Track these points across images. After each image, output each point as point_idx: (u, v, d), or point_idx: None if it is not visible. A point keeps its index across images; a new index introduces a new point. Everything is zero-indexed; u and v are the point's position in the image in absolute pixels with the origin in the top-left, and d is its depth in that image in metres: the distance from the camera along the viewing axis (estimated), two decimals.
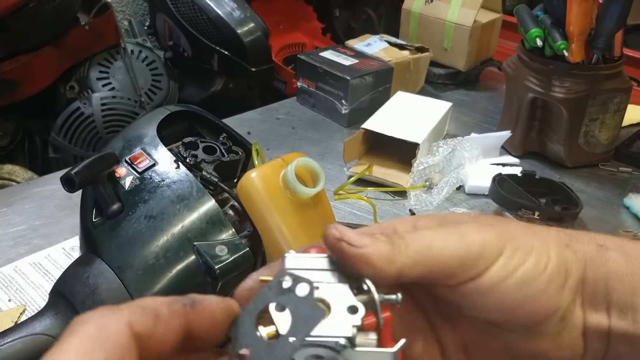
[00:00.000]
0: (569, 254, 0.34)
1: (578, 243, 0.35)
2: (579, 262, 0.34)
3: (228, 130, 0.71)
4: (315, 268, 0.31)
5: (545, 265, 0.33)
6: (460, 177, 0.97)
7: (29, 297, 0.71)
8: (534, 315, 0.33)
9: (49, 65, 1.45)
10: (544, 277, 0.33)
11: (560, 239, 0.35)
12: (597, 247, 0.35)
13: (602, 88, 0.99)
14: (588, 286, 0.34)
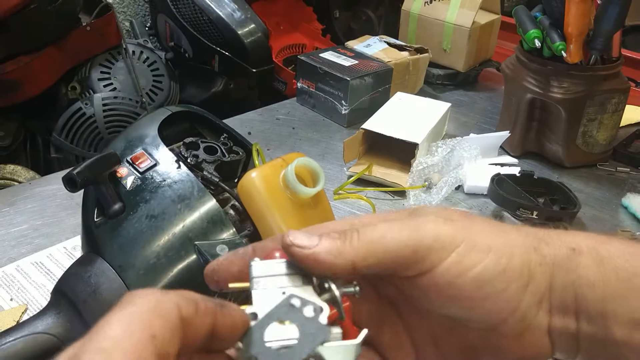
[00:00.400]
0: (534, 257, 0.34)
1: (548, 246, 0.34)
2: (546, 267, 0.34)
3: (229, 131, 0.71)
4: (280, 273, 0.33)
5: (505, 267, 0.33)
6: (459, 177, 0.97)
7: (31, 296, 0.72)
8: (491, 314, 0.33)
9: (50, 65, 1.46)
10: (503, 278, 0.32)
11: (529, 241, 0.34)
12: (569, 252, 0.34)
13: (600, 88, 0.99)
14: (555, 292, 0.34)
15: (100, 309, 0.54)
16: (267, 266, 0.33)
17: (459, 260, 0.32)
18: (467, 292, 0.33)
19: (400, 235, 0.32)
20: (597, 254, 0.34)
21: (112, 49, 1.58)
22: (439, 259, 0.32)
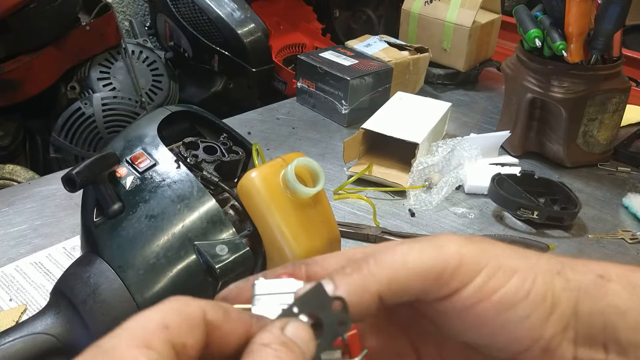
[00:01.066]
0: (558, 283, 0.32)
1: (572, 272, 0.32)
2: (571, 292, 0.31)
3: (228, 131, 0.71)
4: (283, 292, 0.32)
5: (528, 291, 0.31)
6: (460, 176, 0.97)
7: (30, 296, 0.71)
8: (514, 342, 0.31)
9: (50, 65, 1.45)
10: (526, 303, 0.31)
11: (551, 266, 0.32)
12: (596, 278, 0.32)
13: (600, 88, 0.99)
14: (582, 320, 0.31)
15: (100, 310, 0.54)
16: (270, 285, 0.33)
17: (484, 283, 0.31)
18: (489, 317, 0.31)
19: (423, 257, 0.31)
20: (628, 281, 0.32)
21: (111, 49, 1.58)
22: (463, 283, 0.31)
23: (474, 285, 0.31)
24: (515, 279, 0.31)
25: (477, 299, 0.31)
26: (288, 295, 0.32)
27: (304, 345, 0.28)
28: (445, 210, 0.94)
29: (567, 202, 0.92)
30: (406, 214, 0.92)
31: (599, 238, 0.90)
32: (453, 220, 0.92)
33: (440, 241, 0.32)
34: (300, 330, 0.28)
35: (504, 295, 0.31)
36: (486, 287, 0.31)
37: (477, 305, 0.31)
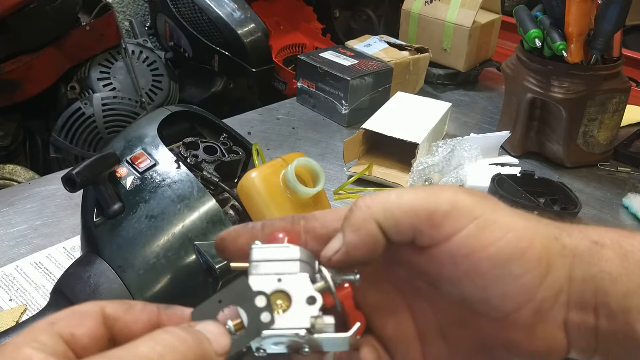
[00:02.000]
0: (555, 247, 0.32)
1: (569, 237, 0.33)
2: (566, 258, 0.32)
3: (228, 131, 0.71)
4: (279, 259, 0.33)
5: (524, 250, 0.31)
6: (460, 177, 0.97)
7: (30, 296, 0.71)
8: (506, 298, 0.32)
9: (50, 65, 1.45)
10: (522, 262, 0.31)
11: (550, 230, 0.33)
12: (591, 244, 0.32)
13: (601, 88, 0.99)
14: (575, 285, 0.32)
15: None
16: (267, 251, 0.33)
17: (477, 233, 0.31)
18: (483, 269, 0.31)
19: (417, 196, 0.32)
20: (620, 247, 0.32)
21: (111, 49, 1.58)
22: (455, 228, 0.31)
23: (467, 232, 0.31)
24: (512, 235, 0.31)
25: (471, 248, 0.31)
26: (284, 263, 0.33)
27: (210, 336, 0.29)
28: None
29: (567, 202, 0.92)
30: None
31: None
32: None
33: (437, 188, 0.33)
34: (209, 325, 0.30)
35: (500, 250, 0.31)
36: (481, 237, 0.31)
37: (472, 255, 0.31)
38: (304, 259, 0.33)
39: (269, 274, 0.33)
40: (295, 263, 0.33)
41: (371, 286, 0.36)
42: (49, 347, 0.27)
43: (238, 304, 0.31)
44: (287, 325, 0.31)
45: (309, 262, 0.34)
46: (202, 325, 0.30)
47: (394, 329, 0.36)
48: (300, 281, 0.32)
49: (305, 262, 0.33)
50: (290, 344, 0.32)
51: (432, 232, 0.32)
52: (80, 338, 0.28)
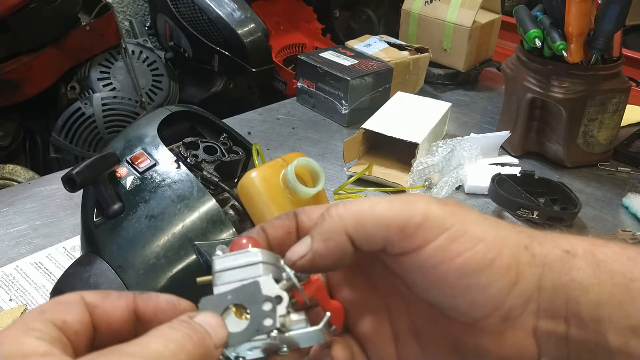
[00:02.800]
0: (525, 257, 0.32)
1: (540, 246, 0.33)
2: (536, 268, 0.32)
3: (228, 131, 0.71)
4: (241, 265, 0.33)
5: (492, 261, 0.31)
6: (460, 177, 0.97)
7: (30, 296, 0.71)
8: (474, 307, 0.32)
9: (50, 65, 1.45)
10: (489, 272, 0.31)
11: (521, 239, 0.33)
12: (562, 253, 0.32)
13: (601, 88, 0.99)
14: (545, 294, 0.32)
15: None
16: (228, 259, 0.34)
17: (447, 245, 0.32)
18: (451, 279, 0.32)
19: (390, 207, 0.32)
20: (593, 256, 0.32)
21: (111, 49, 1.58)
22: (426, 240, 0.32)
23: (435, 245, 0.32)
24: (480, 246, 0.32)
25: (439, 259, 0.32)
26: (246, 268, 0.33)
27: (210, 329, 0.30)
28: None
29: (567, 203, 0.92)
30: None
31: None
32: None
33: (411, 198, 0.33)
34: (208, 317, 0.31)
35: (467, 261, 0.31)
36: (449, 249, 0.32)
37: (440, 265, 0.32)
38: (266, 261, 0.33)
39: (232, 281, 0.33)
40: (257, 266, 0.33)
41: (347, 283, 0.37)
42: (46, 335, 0.27)
43: (246, 303, 0.32)
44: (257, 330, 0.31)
45: (272, 262, 0.34)
46: (201, 317, 0.31)
47: (370, 327, 0.37)
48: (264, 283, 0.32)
49: (268, 264, 0.33)
50: (267, 347, 0.32)
51: (402, 243, 0.32)
52: (72, 324, 0.29)
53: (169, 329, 0.29)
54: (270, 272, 0.33)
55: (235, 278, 0.33)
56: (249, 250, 0.34)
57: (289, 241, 0.36)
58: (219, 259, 0.34)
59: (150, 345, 0.27)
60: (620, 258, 0.32)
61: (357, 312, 0.37)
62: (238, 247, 0.34)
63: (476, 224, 0.33)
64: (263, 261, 0.33)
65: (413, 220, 0.32)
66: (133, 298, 0.32)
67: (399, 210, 0.32)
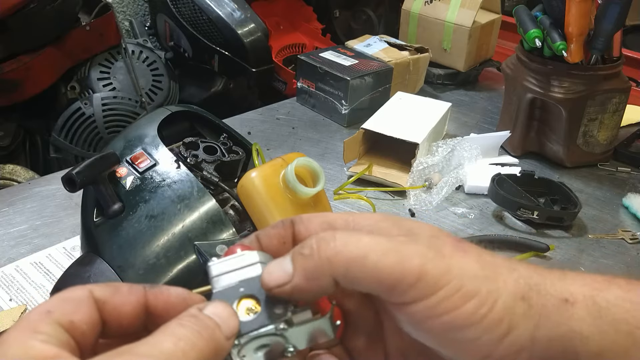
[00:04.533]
0: (520, 308, 0.31)
1: (537, 295, 0.31)
2: (531, 319, 0.31)
3: (228, 131, 0.71)
4: (239, 267, 0.33)
5: (483, 316, 0.31)
6: (460, 177, 0.97)
7: (30, 296, 0.71)
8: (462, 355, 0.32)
9: (50, 65, 1.45)
10: (479, 327, 0.31)
11: (518, 289, 0.31)
12: (560, 302, 0.31)
13: (600, 88, 0.99)
14: (539, 345, 0.31)
15: None
16: (225, 264, 0.33)
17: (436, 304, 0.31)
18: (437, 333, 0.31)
19: (384, 261, 0.31)
20: (593, 303, 0.31)
21: (111, 49, 1.57)
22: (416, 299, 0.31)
23: (425, 303, 0.31)
24: (472, 303, 0.31)
25: (427, 315, 0.31)
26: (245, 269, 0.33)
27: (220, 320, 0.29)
28: (445, 210, 0.94)
29: (567, 202, 0.92)
30: (406, 214, 0.92)
31: (599, 238, 0.90)
32: (453, 220, 0.92)
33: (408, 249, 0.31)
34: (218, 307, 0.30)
35: (455, 318, 0.30)
36: (439, 307, 0.30)
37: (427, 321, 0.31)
38: (263, 261, 0.33)
39: (232, 283, 0.33)
40: (256, 266, 0.33)
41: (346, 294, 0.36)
42: (54, 338, 0.26)
43: (258, 295, 0.32)
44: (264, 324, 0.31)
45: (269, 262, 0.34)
46: (211, 309, 0.30)
47: (364, 342, 0.36)
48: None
49: (266, 264, 0.33)
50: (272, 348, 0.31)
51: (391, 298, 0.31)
52: (79, 325, 0.28)
53: (179, 326, 0.28)
54: None
55: (234, 280, 0.33)
56: (244, 253, 0.33)
57: (283, 251, 0.35)
58: (214, 264, 0.33)
59: (161, 345, 0.27)
60: (623, 303, 0.31)
61: (353, 324, 0.36)
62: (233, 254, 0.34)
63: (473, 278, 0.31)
64: (261, 261, 0.33)
65: (406, 280, 0.30)
66: (144, 292, 0.31)
67: (392, 266, 0.31)
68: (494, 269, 0.32)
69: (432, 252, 0.31)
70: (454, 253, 0.32)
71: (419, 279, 0.30)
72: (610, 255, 0.86)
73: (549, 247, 0.84)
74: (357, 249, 0.31)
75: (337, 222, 0.35)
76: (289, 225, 0.35)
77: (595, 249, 0.88)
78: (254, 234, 0.36)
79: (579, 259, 0.85)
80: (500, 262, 0.33)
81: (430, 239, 0.33)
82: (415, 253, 0.31)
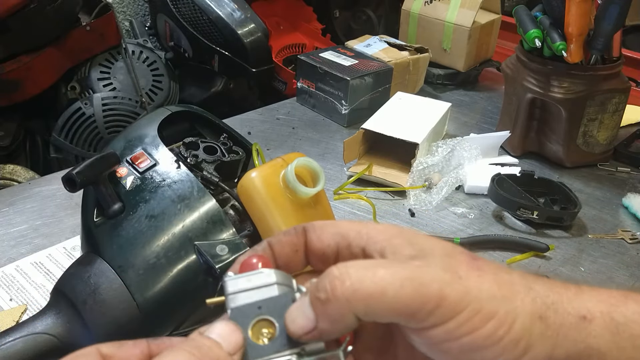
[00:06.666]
0: (537, 328, 0.31)
1: (555, 314, 0.32)
2: (548, 338, 0.31)
3: (228, 131, 0.71)
4: (256, 286, 0.33)
5: (501, 338, 0.31)
6: (460, 177, 0.97)
7: (30, 296, 0.72)
8: None
9: (50, 65, 1.45)
10: (497, 347, 0.31)
11: (536, 308, 0.32)
12: (578, 320, 0.31)
13: (600, 88, 0.99)
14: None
15: (100, 309, 0.54)
16: (242, 280, 0.33)
17: (456, 327, 0.31)
18: (454, 353, 0.31)
19: (402, 293, 0.30)
20: (611, 320, 0.31)
21: (111, 49, 1.58)
22: (436, 324, 0.31)
23: (445, 327, 0.31)
24: (491, 324, 0.31)
25: (445, 339, 0.31)
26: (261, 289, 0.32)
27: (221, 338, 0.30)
28: (445, 210, 0.94)
29: (567, 202, 0.92)
30: (406, 214, 0.92)
31: (598, 238, 0.90)
32: (453, 220, 0.92)
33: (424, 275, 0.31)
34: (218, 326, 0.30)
35: (474, 339, 0.31)
36: (458, 330, 0.30)
37: (445, 343, 0.31)
38: (280, 282, 0.33)
39: (249, 303, 0.32)
40: (272, 287, 0.32)
41: None
42: None
43: (275, 316, 0.31)
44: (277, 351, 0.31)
45: (286, 283, 0.33)
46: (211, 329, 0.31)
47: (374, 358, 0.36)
48: (281, 304, 0.32)
49: (282, 285, 0.33)
50: None
51: (411, 324, 0.31)
52: None
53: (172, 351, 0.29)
54: (285, 293, 0.33)
55: (250, 300, 0.32)
56: (261, 271, 0.33)
57: (295, 259, 0.35)
58: (231, 280, 0.33)
59: None
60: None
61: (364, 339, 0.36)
62: (249, 268, 0.33)
63: (491, 299, 0.31)
64: (278, 282, 0.33)
65: (426, 307, 0.30)
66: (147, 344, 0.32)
67: (411, 296, 0.30)
68: (511, 287, 0.32)
69: (449, 274, 0.31)
70: (470, 273, 0.32)
71: (439, 305, 0.30)
72: (610, 255, 0.86)
73: (549, 247, 0.84)
74: (374, 284, 0.30)
75: (349, 233, 0.35)
76: (301, 233, 0.35)
77: (595, 249, 0.88)
78: (266, 241, 0.35)
79: (578, 259, 0.85)
80: (517, 280, 0.33)
81: (444, 259, 0.32)
82: (433, 278, 0.31)
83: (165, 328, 0.56)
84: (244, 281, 0.33)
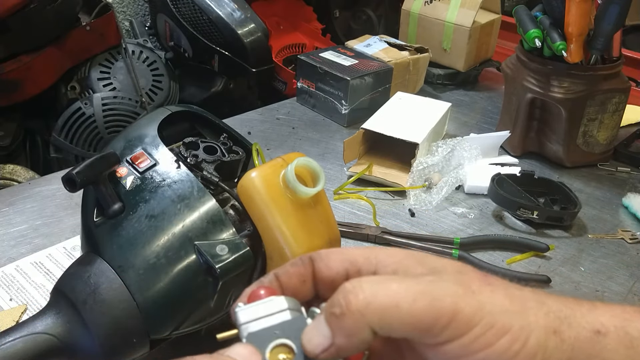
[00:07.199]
0: (552, 342, 0.31)
1: (569, 328, 0.32)
2: (563, 353, 0.31)
3: (228, 130, 0.71)
4: (268, 313, 0.33)
5: (517, 352, 0.31)
6: (460, 177, 0.97)
7: (30, 296, 0.72)
8: None
9: (50, 65, 1.45)
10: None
11: (549, 322, 0.32)
12: (593, 334, 0.32)
13: (600, 88, 0.99)
14: None
15: (100, 309, 0.54)
16: (253, 309, 0.33)
17: (471, 342, 0.31)
18: None
19: (416, 306, 0.30)
20: (625, 334, 0.32)
21: (111, 49, 1.58)
22: (451, 338, 0.31)
23: (460, 342, 0.31)
24: (506, 339, 0.31)
25: (459, 354, 0.31)
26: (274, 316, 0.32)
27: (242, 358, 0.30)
28: (445, 210, 0.94)
29: (567, 202, 0.92)
30: (406, 214, 0.92)
31: (598, 238, 0.90)
32: (453, 220, 0.92)
33: (438, 289, 0.31)
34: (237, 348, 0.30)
35: (489, 355, 0.31)
36: (473, 345, 0.30)
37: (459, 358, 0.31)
38: (292, 307, 0.33)
39: (264, 328, 0.32)
40: (285, 313, 0.33)
41: None
42: None
43: (292, 340, 0.31)
44: None
45: (297, 309, 0.33)
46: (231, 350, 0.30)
47: None
48: (296, 330, 0.32)
49: (294, 310, 0.33)
50: None
51: (426, 339, 0.31)
52: None
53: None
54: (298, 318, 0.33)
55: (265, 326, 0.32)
56: (272, 299, 0.33)
57: (303, 290, 0.35)
58: (242, 310, 0.33)
59: None
60: None
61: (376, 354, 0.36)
62: (257, 299, 0.33)
63: (504, 313, 0.31)
64: (290, 308, 0.33)
65: (440, 321, 0.30)
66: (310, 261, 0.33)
67: (426, 309, 0.30)
68: (523, 302, 0.32)
69: (462, 289, 0.31)
70: (482, 288, 0.32)
71: (453, 319, 0.30)
72: (610, 255, 0.86)
73: (549, 247, 0.84)
74: (388, 297, 0.31)
75: (358, 259, 0.35)
76: (308, 263, 0.35)
77: (595, 248, 0.88)
78: (272, 273, 0.35)
79: (578, 258, 0.85)
80: (528, 295, 0.33)
81: (456, 275, 0.32)
82: (446, 292, 0.31)
83: (165, 328, 0.56)
84: (255, 310, 0.33)
